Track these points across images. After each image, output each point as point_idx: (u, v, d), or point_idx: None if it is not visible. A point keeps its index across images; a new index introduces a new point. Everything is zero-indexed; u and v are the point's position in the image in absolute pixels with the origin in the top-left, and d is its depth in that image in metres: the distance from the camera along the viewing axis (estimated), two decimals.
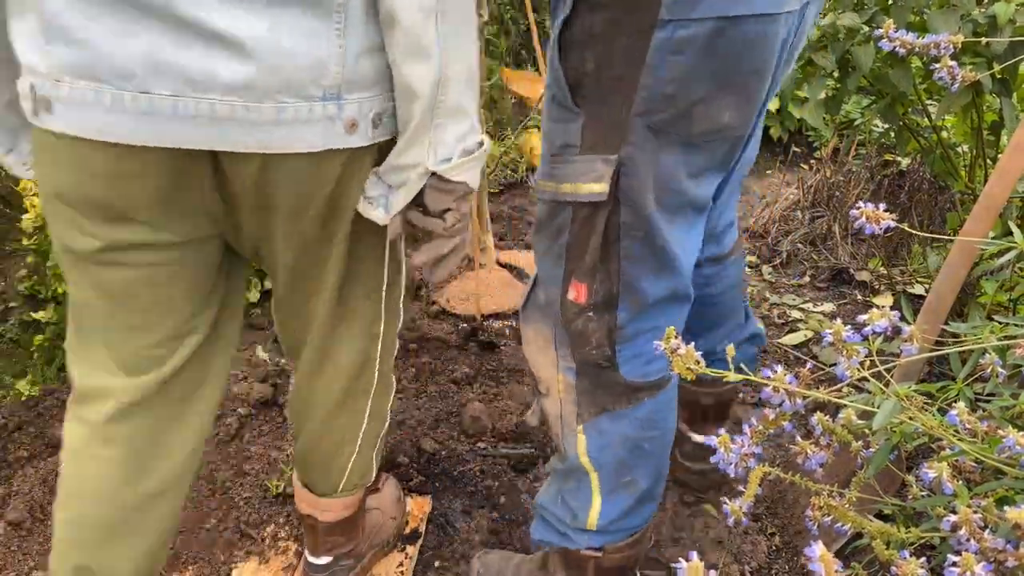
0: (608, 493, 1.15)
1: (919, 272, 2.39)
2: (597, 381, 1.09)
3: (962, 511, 0.69)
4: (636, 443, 1.12)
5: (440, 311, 2.22)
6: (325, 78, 0.81)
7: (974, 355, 0.94)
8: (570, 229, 1.02)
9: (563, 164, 1.00)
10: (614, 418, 1.10)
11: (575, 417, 1.12)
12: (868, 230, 0.87)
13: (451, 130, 0.89)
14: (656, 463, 1.17)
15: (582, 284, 1.04)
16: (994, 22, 1.59)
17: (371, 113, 0.88)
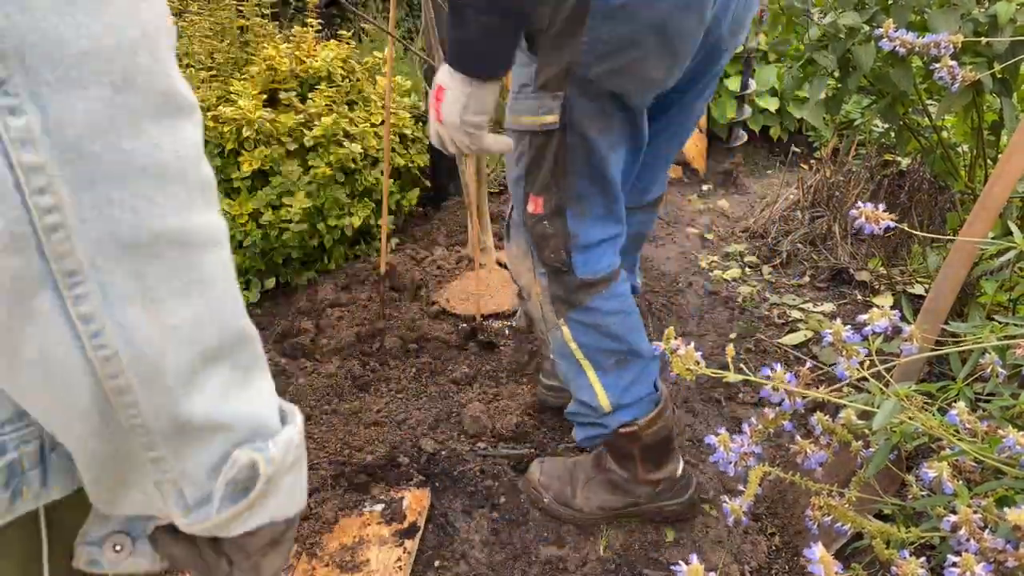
0: (603, 374, 1.39)
1: (919, 272, 2.39)
2: (560, 283, 1.34)
3: (962, 511, 0.69)
4: (606, 327, 1.36)
5: (440, 311, 2.22)
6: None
7: (974, 355, 0.94)
8: (528, 153, 1.24)
9: (523, 99, 1.21)
10: (582, 311, 1.35)
11: (554, 313, 1.37)
12: (868, 230, 0.87)
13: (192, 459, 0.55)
14: (629, 335, 1.38)
15: (539, 197, 1.28)
16: (995, 21, 1.59)
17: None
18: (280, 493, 0.60)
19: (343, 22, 4.02)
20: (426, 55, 2.17)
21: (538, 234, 1.31)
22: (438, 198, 2.92)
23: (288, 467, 0.60)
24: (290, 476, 0.61)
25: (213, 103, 2.21)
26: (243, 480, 0.56)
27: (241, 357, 0.58)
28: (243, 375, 0.58)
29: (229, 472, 0.56)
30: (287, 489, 0.61)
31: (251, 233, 2.18)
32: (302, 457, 0.63)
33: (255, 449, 0.56)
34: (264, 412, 0.60)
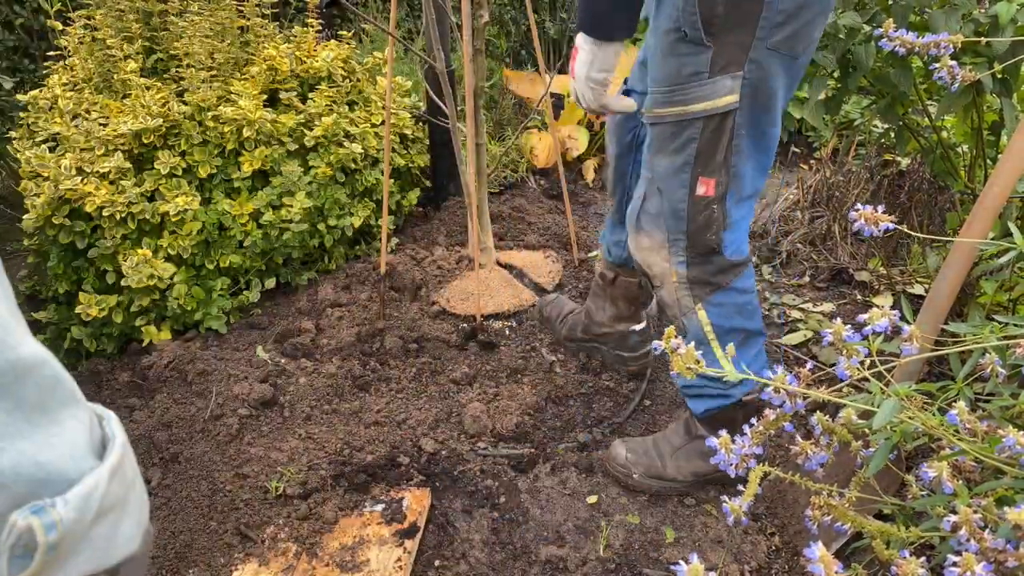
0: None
1: (919, 272, 2.39)
2: (706, 266, 1.41)
3: (962, 511, 0.69)
4: (740, 307, 1.45)
5: (440, 311, 2.22)
6: None
7: (974, 355, 0.94)
8: (700, 137, 1.30)
9: (694, 88, 1.27)
10: (723, 292, 1.43)
11: (691, 299, 1.44)
12: (867, 232, 0.87)
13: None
14: (755, 313, 1.49)
15: (710, 179, 1.33)
16: (995, 22, 1.59)
17: None
18: (88, 545, 0.54)
19: (343, 22, 4.01)
20: (426, 55, 2.17)
21: (704, 217, 1.37)
22: (438, 198, 2.92)
23: (96, 518, 0.53)
24: (103, 524, 0.54)
25: (213, 103, 2.21)
26: (29, 543, 0.50)
27: (22, 393, 0.51)
28: (28, 414, 0.51)
29: (8, 538, 0.49)
30: (99, 539, 0.54)
31: (251, 233, 2.18)
32: (125, 497, 0.55)
33: (35, 511, 0.49)
34: (59, 458, 0.52)
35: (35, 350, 0.52)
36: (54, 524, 0.50)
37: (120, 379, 1.99)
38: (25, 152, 2.03)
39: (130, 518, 0.58)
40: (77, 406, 0.55)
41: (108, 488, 0.55)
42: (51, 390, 0.53)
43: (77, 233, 1.99)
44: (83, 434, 0.55)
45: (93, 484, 0.53)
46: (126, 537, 0.58)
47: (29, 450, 0.50)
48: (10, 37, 3.17)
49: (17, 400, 0.50)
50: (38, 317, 2.13)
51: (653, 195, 1.41)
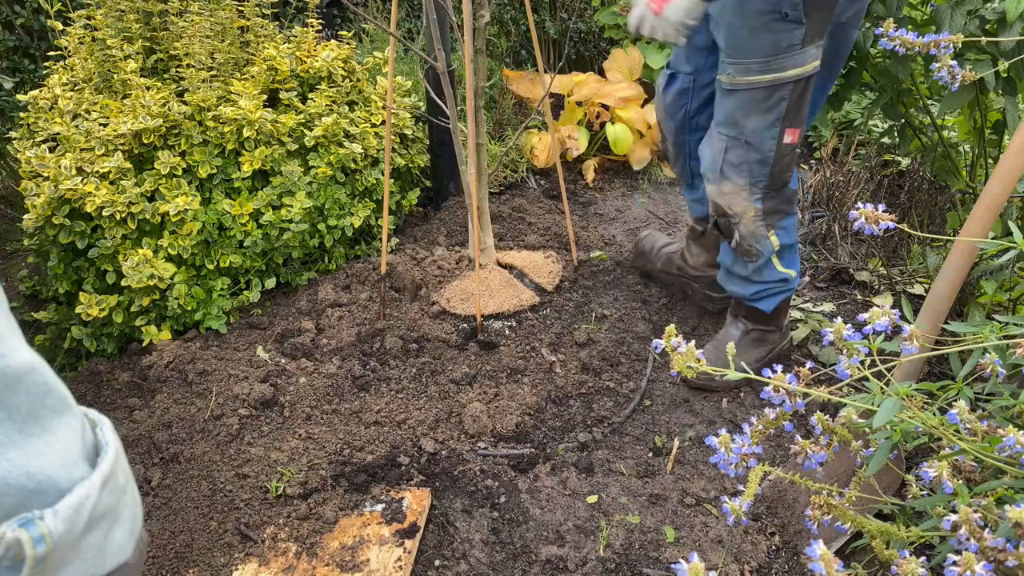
0: (787, 261, 1.90)
1: (919, 272, 2.39)
2: (778, 198, 1.79)
3: (962, 510, 0.69)
4: (794, 225, 1.87)
5: (440, 311, 2.22)
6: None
7: (974, 355, 0.94)
8: (789, 98, 1.61)
9: (788, 57, 1.57)
10: (788, 217, 1.83)
11: (765, 228, 1.81)
12: (867, 231, 0.87)
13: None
14: (796, 231, 1.90)
15: (796, 130, 1.68)
16: (1003, 18, 1.58)
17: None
18: (79, 556, 0.53)
19: (344, 22, 4.01)
20: (426, 55, 2.17)
21: (787, 160, 1.73)
22: (438, 198, 2.92)
23: (87, 527, 0.52)
24: (95, 534, 0.53)
25: (213, 103, 2.21)
26: (17, 555, 0.49)
27: (13, 402, 0.50)
28: (20, 423, 0.50)
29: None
30: (91, 549, 0.54)
31: (251, 233, 2.18)
32: (117, 506, 0.54)
33: (23, 523, 0.49)
34: (50, 467, 0.51)
35: (26, 358, 0.51)
36: (43, 537, 0.50)
37: (120, 379, 1.99)
38: (25, 152, 2.03)
39: (122, 527, 0.57)
40: (69, 413, 0.55)
41: (99, 497, 0.54)
42: (42, 398, 0.52)
43: (77, 233, 1.99)
44: (75, 442, 0.55)
45: (84, 494, 0.53)
46: (117, 546, 0.57)
47: (20, 460, 0.50)
48: (10, 37, 3.17)
49: (8, 410, 0.50)
50: (38, 317, 2.13)
51: (737, 148, 1.72)
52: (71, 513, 0.51)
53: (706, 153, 1.80)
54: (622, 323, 2.23)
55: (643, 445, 1.81)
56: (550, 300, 2.30)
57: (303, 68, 2.51)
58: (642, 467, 1.73)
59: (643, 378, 2.01)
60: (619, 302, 2.34)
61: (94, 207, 1.92)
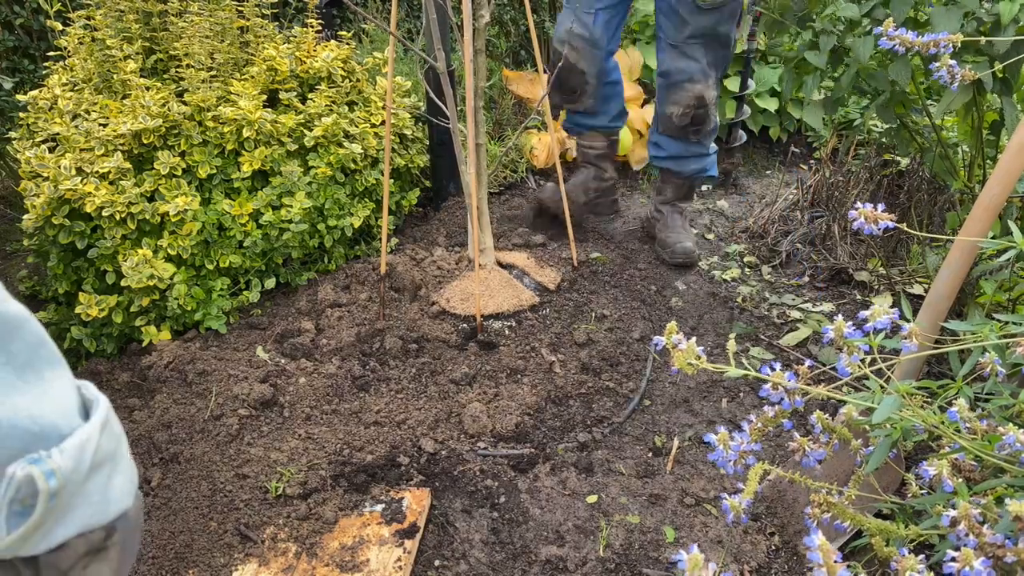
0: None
1: (918, 272, 2.39)
2: (718, 86, 2.47)
3: (961, 506, 0.69)
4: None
5: (440, 311, 2.22)
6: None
7: (974, 354, 0.94)
8: (741, 6, 2.21)
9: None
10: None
11: (715, 108, 2.44)
12: (867, 231, 0.87)
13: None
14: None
15: (737, 28, 2.33)
16: (997, 21, 1.59)
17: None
18: (84, 500, 0.54)
19: (343, 22, 4.01)
20: (426, 55, 2.17)
21: (733, 50, 2.40)
22: (438, 198, 2.92)
23: (91, 470, 0.54)
24: (97, 478, 0.55)
25: (213, 103, 2.21)
26: (27, 496, 0.51)
27: (12, 348, 0.51)
28: (18, 370, 0.52)
29: (7, 491, 0.50)
30: (95, 492, 0.55)
31: (251, 233, 2.18)
32: (116, 450, 0.56)
33: (33, 461, 0.51)
34: (51, 413, 0.53)
35: (20, 308, 0.52)
36: (53, 472, 0.51)
37: (120, 379, 1.99)
38: (25, 152, 2.03)
39: (122, 475, 0.58)
40: (62, 366, 0.56)
41: (100, 441, 0.55)
42: (37, 348, 0.54)
43: (77, 233, 1.99)
44: (71, 391, 0.56)
45: (86, 436, 0.54)
46: (119, 493, 0.58)
47: (23, 404, 0.51)
48: (10, 37, 3.17)
49: (8, 354, 0.51)
50: (38, 317, 2.13)
51: (714, 50, 2.32)
52: (76, 452, 0.53)
53: (685, 63, 2.33)
54: (622, 323, 2.23)
55: (643, 445, 1.81)
56: (550, 300, 2.30)
57: (303, 68, 2.51)
58: (642, 467, 1.73)
59: (643, 378, 2.01)
60: (619, 302, 2.34)
61: (94, 207, 1.92)
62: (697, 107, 2.37)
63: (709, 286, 2.52)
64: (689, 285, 2.52)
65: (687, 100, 2.38)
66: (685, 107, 2.39)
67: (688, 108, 2.39)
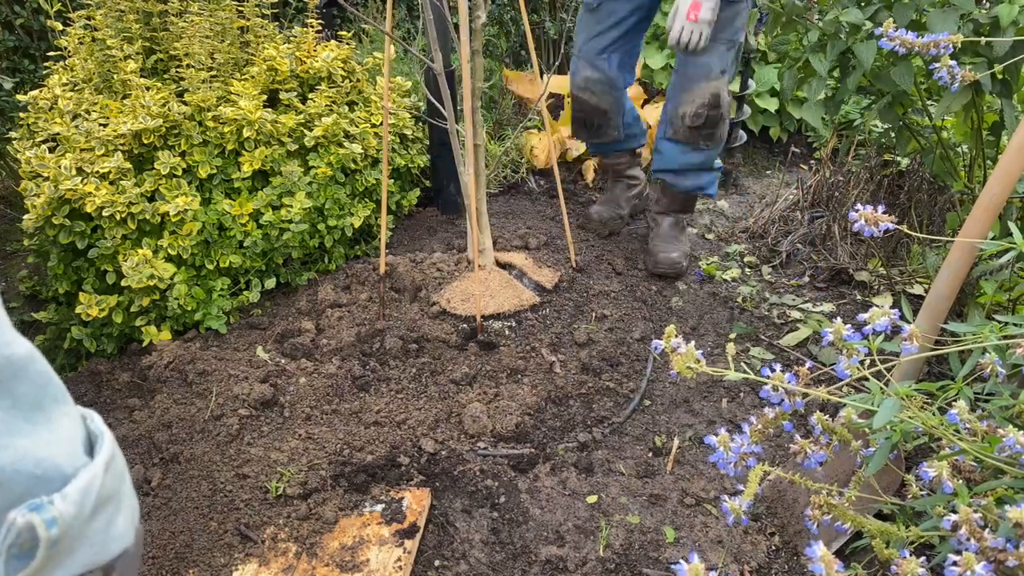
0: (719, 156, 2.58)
1: (918, 272, 2.39)
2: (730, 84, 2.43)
3: (962, 510, 0.69)
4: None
5: (440, 311, 2.22)
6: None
7: (974, 355, 0.94)
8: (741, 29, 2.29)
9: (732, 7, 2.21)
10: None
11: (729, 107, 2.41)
12: (867, 232, 0.87)
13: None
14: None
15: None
16: (996, 22, 1.59)
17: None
18: (86, 542, 0.54)
19: (343, 23, 4.01)
20: (425, 56, 2.17)
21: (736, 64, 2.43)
22: (438, 198, 2.92)
23: (93, 512, 0.53)
24: (100, 518, 0.54)
25: (213, 103, 2.21)
26: (27, 541, 0.50)
27: (19, 390, 0.51)
28: (27, 413, 0.51)
29: (7, 537, 0.49)
30: (97, 533, 0.55)
31: (251, 233, 2.18)
32: (119, 489, 0.55)
33: (34, 508, 0.50)
34: (56, 454, 0.52)
35: (27, 348, 0.52)
36: (54, 520, 0.50)
37: (120, 379, 1.99)
38: (25, 152, 2.03)
39: (123, 513, 0.58)
40: (68, 403, 0.56)
41: (103, 481, 0.55)
42: (44, 387, 0.53)
43: (77, 233, 1.99)
44: (77, 430, 0.56)
45: (89, 478, 0.54)
46: (120, 531, 0.58)
47: (28, 448, 0.50)
48: (10, 37, 3.17)
49: (14, 398, 0.50)
50: (38, 317, 2.13)
51: (733, 49, 2.30)
52: (79, 496, 0.52)
53: (707, 58, 2.25)
54: (622, 323, 2.23)
55: (643, 445, 1.81)
56: (550, 300, 2.30)
57: (303, 68, 2.51)
58: (642, 467, 1.73)
59: (643, 378, 2.01)
60: (619, 302, 2.34)
61: (94, 207, 1.92)
62: (712, 106, 2.29)
63: (709, 286, 2.52)
64: (689, 285, 2.52)
65: (703, 98, 2.31)
66: (700, 105, 2.31)
67: (702, 107, 2.30)
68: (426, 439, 1.76)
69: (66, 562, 0.53)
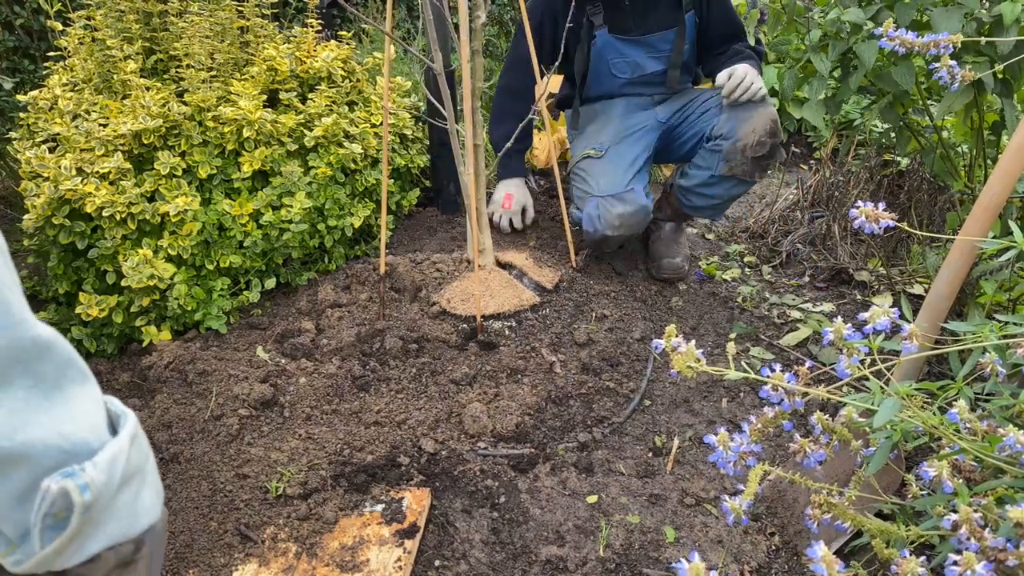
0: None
1: (919, 272, 2.39)
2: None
3: (963, 510, 0.69)
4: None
5: (440, 311, 2.22)
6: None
7: (974, 354, 0.94)
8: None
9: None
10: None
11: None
12: (867, 229, 0.87)
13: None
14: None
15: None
16: (999, 21, 1.58)
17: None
18: (115, 514, 0.56)
19: (343, 23, 4.02)
20: (425, 56, 2.17)
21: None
22: (438, 198, 2.92)
23: (121, 484, 0.55)
24: (127, 491, 0.56)
25: (213, 104, 2.21)
26: (61, 510, 0.52)
27: (41, 369, 0.53)
28: (47, 391, 0.53)
29: (42, 506, 0.51)
30: (125, 506, 0.56)
31: (251, 233, 2.18)
32: (144, 465, 0.58)
33: (67, 475, 0.52)
34: (80, 429, 0.54)
35: (49, 330, 0.54)
36: (87, 485, 0.52)
37: (120, 379, 1.99)
38: (25, 152, 2.03)
39: (149, 488, 0.59)
40: (90, 384, 0.57)
41: (129, 454, 0.57)
42: (65, 368, 0.55)
43: (77, 233, 1.99)
44: (99, 408, 0.57)
45: (117, 449, 0.55)
46: (148, 506, 0.59)
47: (53, 423, 0.52)
48: (10, 37, 3.17)
49: (36, 377, 0.52)
50: (38, 317, 2.13)
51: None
52: (108, 466, 0.54)
53: (761, 88, 2.23)
54: (622, 323, 2.23)
55: (643, 445, 1.81)
56: (550, 300, 2.30)
57: (303, 68, 2.51)
58: (642, 467, 1.73)
59: (643, 378, 2.01)
60: (619, 302, 2.34)
61: (94, 207, 1.92)
62: (772, 134, 2.18)
63: (709, 286, 2.52)
64: (689, 285, 2.52)
65: (764, 126, 2.18)
66: (762, 134, 2.17)
67: (764, 136, 2.17)
68: (426, 439, 1.76)
69: (97, 532, 0.54)
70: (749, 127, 2.19)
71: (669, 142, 2.49)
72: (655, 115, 2.47)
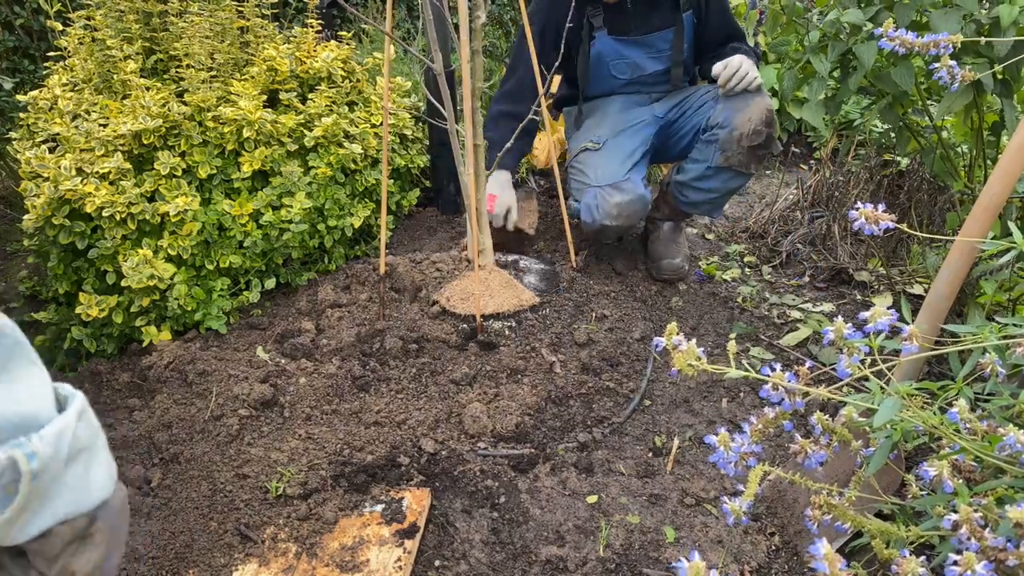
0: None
1: (919, 272, 2.39)
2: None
3: (963, 510, 0.69)
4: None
5: (440, 311, 2.22)
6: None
7: (974, 354, 0.94)
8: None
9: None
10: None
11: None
12: (867, 231, 0.87)
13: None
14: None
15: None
16: (997, 23, 1.59)
17: None
18: (65, 487, 0.58)
19: (343, 23, 4.01)
20: (425, 56, 2.17)
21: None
22: (438, 198, 2.92)
23: (68, 458, 0.57)
24: (76, 466, 0.58)
25: (213, 104, 2.21)
26: (11, 483, 0.54)
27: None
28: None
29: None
30: (74, 480, 0.58)
31: (251, 233, 2.18)
32: (94, 442, 0.60)
33: (14, 445, 0.54)
34: (28, 405, 0.56)
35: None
36: (34, 454, 0.54)
37: (120, 379, 1.99)
38: (25, 152, 2.03)
39: (100, 466, 0.61)
40: (38, 367, 0.59)
41: (76, 430, 0.58)
42: (11, 351, 0.57)
43: (77, 233, 1.99)
44: (48, 389, 0.59)
45: (64, 424, 0.57)
46: (99, 483, 0.61)
47: (3, 397, 0.55)
48: (10, 37, 3.17)
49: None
50: (38, 318, 2.13)
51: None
52: (55, 438, 0.56)
53: (757, 76, 2.23)
54: (622, 323, 2.23)
55: (643, 445, 1.81)
56: (550, 300, 2.30)
57: (303, 68, 2.51)
58: (642, 467, 1.73)
59: (643, 378, 2.01)
60: (619, 302, 2.34)
61: (94, 208, 1.92)
62: (767, 123, 2.18)
63: (709, 286, 2.52)
64: (689, 285, 2.52)
65: (759, 115, 2.19)
66: (758, 123, 2.18)
67: (760, 124, 2.18)
68: (426, 439, 1.76)
69: (48, 507, 0.56)
70: (745, 116, 2.18)
71: (667, 138, 2.48)
72: (653, 111, 2.47)
